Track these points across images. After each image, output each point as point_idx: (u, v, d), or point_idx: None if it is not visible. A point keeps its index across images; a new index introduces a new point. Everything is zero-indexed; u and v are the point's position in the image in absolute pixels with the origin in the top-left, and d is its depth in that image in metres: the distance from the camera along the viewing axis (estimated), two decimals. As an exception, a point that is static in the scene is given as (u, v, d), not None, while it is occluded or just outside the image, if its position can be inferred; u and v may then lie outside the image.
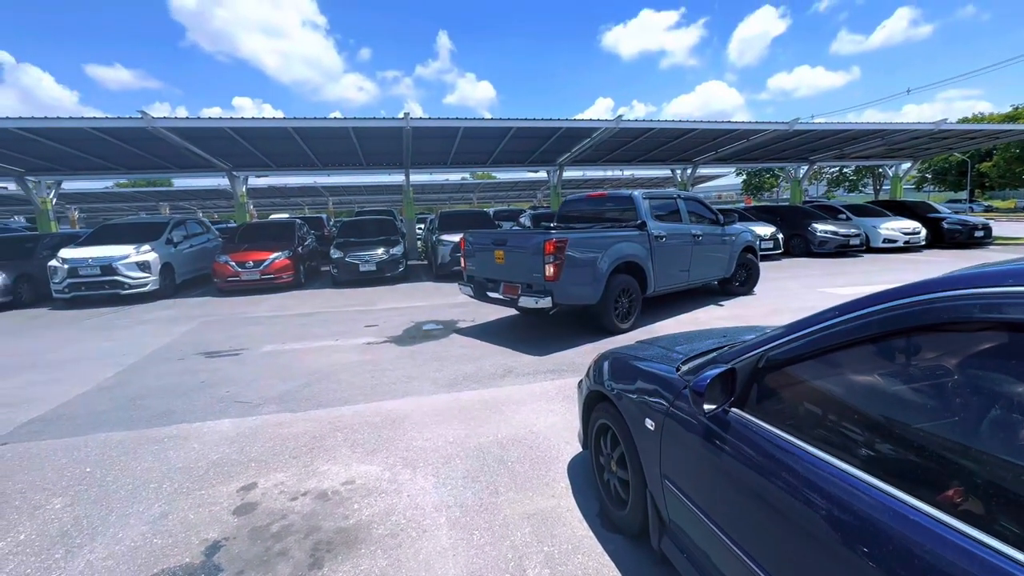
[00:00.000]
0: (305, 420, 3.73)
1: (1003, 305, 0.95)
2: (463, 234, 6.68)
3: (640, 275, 6.07)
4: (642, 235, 6.12)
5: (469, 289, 6.39)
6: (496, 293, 5.89)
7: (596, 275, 5.52)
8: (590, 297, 5.54)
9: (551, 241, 5.21)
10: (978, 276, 1.07)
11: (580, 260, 5.39)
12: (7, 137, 10.35)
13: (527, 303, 5.35)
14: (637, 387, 2.09)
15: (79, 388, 4.64)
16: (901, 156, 19.03)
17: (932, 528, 0.91)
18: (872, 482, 1.07)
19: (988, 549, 0.82)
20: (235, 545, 2.30)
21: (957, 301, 1.05)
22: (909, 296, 1.15)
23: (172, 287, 10.26)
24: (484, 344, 5.69)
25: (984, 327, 1.03)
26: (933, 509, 0.93)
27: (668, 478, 1.82)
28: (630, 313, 5.95)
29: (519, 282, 5.57)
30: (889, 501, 1.01)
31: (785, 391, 1.47)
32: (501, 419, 3.63)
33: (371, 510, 2.55)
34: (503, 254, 5.81)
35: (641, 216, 6.29)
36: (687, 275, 6.84)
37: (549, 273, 5.21)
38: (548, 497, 2.61)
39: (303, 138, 12.09)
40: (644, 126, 12.94)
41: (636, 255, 5.93)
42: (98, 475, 3.01)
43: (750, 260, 8.00)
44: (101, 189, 29.42)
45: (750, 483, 1.39)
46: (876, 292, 1.25)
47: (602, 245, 5.66)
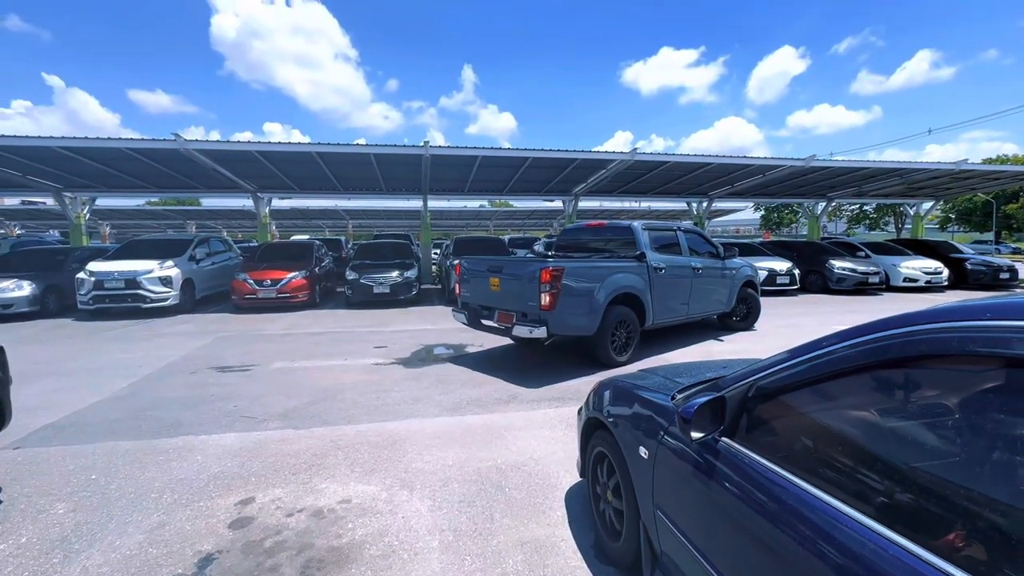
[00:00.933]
0: (307, 437, 3.76)
1: (993, 339, 0.95)
2: (458, 259, 6.63)
3: (638, 307, 5.94)
4: (641, 266, 6.02)
5: (463, 316, 6.25)
6: (490, 321, 5.75)
7: (593, 306, 5.40)
8: (587, 328, 5.41)
9: (547, 269, 5.11)
10: (961, 310, 1.07)
11: (577, 290, 5.29)
12: (49, 155, 10.93)
13: (521, 332, 5.22)
14: (633, 414, 2.09)
15: (94, 397, 4.75)
16: (922, 195, 18.83)
17: (915, 566, 0.89)
18: (858, 518, 1.05)
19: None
20: (228, 559, 2.31)
21: (942, 334, 1.05)
22: (895, 328, 1.16)
23: (192, 302, 10.52)
24: (490, 369, 5.69)
25: (967, 361, 1.03)
26: (921, 549, 0.92)
27: (660, 508, 1.80)
28: (627, 346, 5.80)
29: (514, 310, 5.45)
30: (874, 538, 0.99)
31: (775, 421, 1.47)
32: (502, 445, 3.60)
33: (365, 530, 2.54)
34: (498, 281, 5.69)
35: (640, 247, 6.20)
36: (686, 308, 6.71)
37: (544, 302, 5.09)
38: (543, 526, 2.57)
39: (326, 162, 12.50)
40: (659, 159, 13.09)
41: (634, 286, 5.82)
42: (102, 482, 3.06)
43: (750, 295, 7.86)
44: (132, 207, 30.54)
45: (739, 515, 1.37)
46: (865, 323, 1.26)
47: (600, 275, 5.56)
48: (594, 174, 14.44)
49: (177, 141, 10.17)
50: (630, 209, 32.66)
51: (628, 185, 16.67)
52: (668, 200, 20.45)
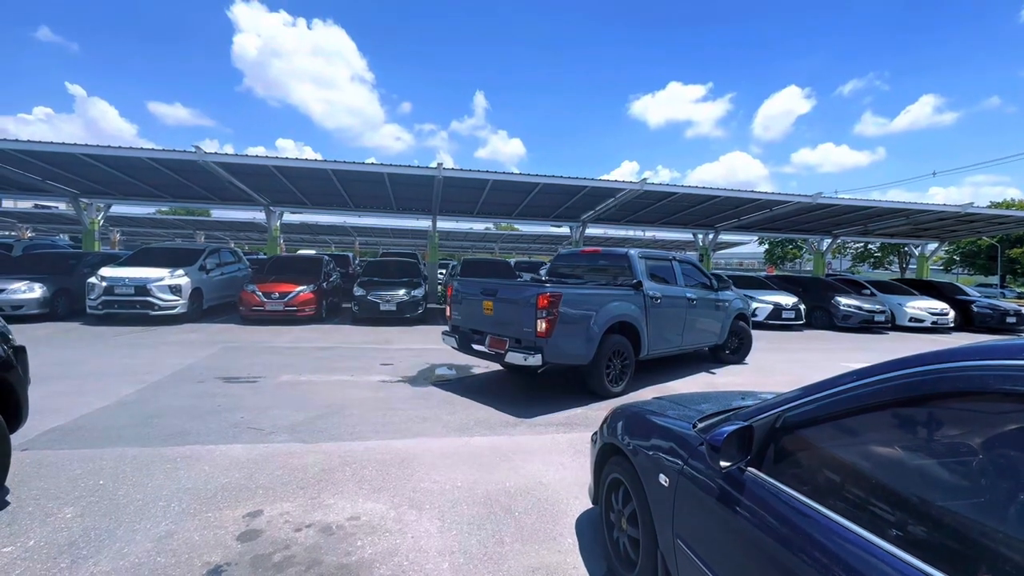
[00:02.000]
0: (315, 452, 3.74)
1: (1017, 377, 0.98)
2: (451, 281, 6.38)
3: (634, 337, 5.81)
4: (638, 295, 5.91)
5: (453, 340, 6.04)
6: (481, 346, 5.53)
7: (590, 333, 5.25)
8: (582, 357, 5.25)
9: (545, 295, 4.96)
10: (997, 348, 1.10)
11: (574, 317, 5.14)
12: (70, 161, 11.16)
13: (515, 360, 5.02)
14: (652, 442, 2.09)
15: (101, 402, 4.75)
16: (927, 236, 18.94)
17: None
18: (887, 548, 1.06)
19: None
20: (236, 571, 2.28)
21: (974, 371, 1.08)
22: (927, 364, 1.18)
23: (199, 312, 10.56)
24: (497, 391, 5.67)
25: (1000, 399, 1.05)
26: None
27: (680, 538, 1.79)
28: (622, 376, 5.67)
29: (507, 336, 5.27)
30: (903, 567, 1.00)
31: (802, 453, 1.48)
32: (510, 468, 3.58)
33: (374, 548, 2.51)
34: (492, 305, 5.51)
35: (637, 276, 6.11)
36: (680, 339, 6.62)
37: (541, 329, 4.92)
38: (554, 552, 2.54)
39: (340, 180, 12.71)
40: (667, 190, 13.27)
41: (631, 315, 5.69)
42: (110, 488, 3.05)
43: (742, 328, 7.81)
44: (143, 214, 30.95)
45: (766, 546, 1.37)
46: (895, 359, 1.29)
47: (597, 303, 5.43)
48: (602, 202, 14.62)
49: (197, 153, 10.39)
50: (636, 238, 32.87)
51: (635, 214, 16.84)
52: (674, 231, 20.61)
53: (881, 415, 1.30)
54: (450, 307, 6.29)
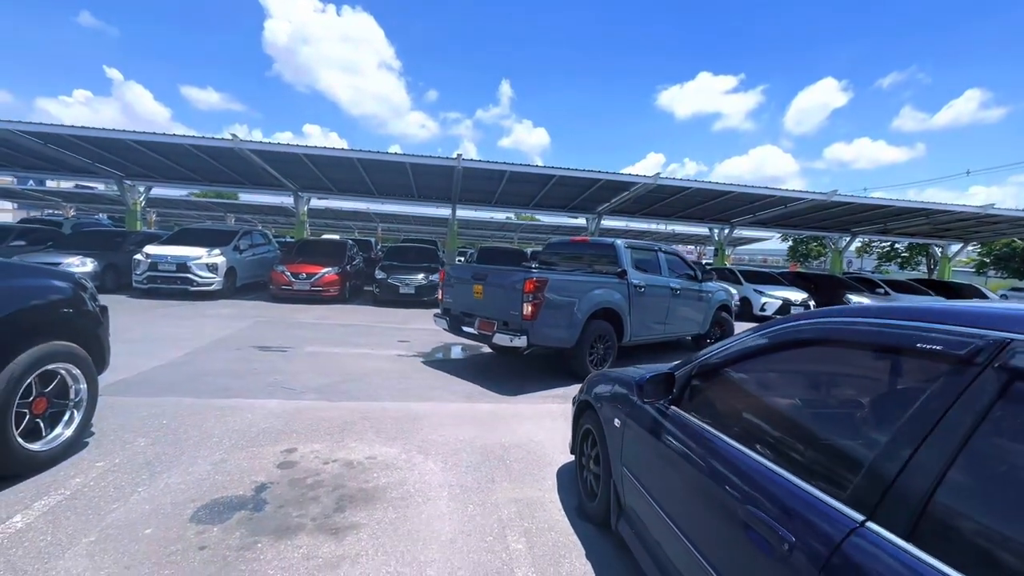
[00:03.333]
0: (338, 409, 4.31)
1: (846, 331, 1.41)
2: (445, 267, 6.58)
3: (617, 323, 6.06)
4: (622, 283, 6.15)
5: (444, 322, 6.31)
6: (471, 328, 5.79)
7: (573, 318, 5.49)
8: (566, 340, 5.50)
9: (531, 280, 5.20)
10: (843, 310, 1.54)
11: (559, 302, 5.38)
12: (118, 146, 12.00)
13: (502, 340, 5.29)
14: (612, 393, 2.57)
15: (155, 362, 5.42)
16: (950, 236, 18.68)
17: (799, 495, 1.28)
18: (765, 463, 1.41)
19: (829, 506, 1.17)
20: (278, 488, 2.86)
21: (820, 326, 1.53)
22: (789, 322, 1.64)
23: (232, 289, 11.33)
24: (504, 367, 6.19)
25: (839, 345, 1.48)
26: (803, 482, 1.38)
27: (626, 466, 2.27)
28: (605, 360, 5.92)
29: (495, 319, 5.52)
30: (774, 477, 1.33)
31: (710, 392, 1.94)
32: (507, 428, 4.10)
33: (387, 479, 3.06)
34: (482, 289, 5.77)
35: (622, 264, 6.34)
36: (663, 327, 6.90)
37: (526, 312, 5.17)
38: (535, 490, 3.05)
39: (365, 168, 13.32)
40: (681, 184, 13.50)
41: (614, 302, 5.93)
42: (172, 426, 3.67)
43: (724, 318, 8.11)
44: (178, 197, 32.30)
45: (680, 465, 1.83)
46: (781, 317, 1.74)
47: (582, 289, 5.66)
48: (617, 195, 14.92)
49: (233, 140, 11.10)
50: (654, 231, 32.88)
51: (651, 207, 17.08)
52: (691, 224, 20.74)
53: (764, 359, 1.76)
54: (442, 290, 6.58)
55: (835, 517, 1.13)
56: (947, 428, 1.01)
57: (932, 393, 1.07)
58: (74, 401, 3.13)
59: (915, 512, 0.99)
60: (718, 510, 1.52)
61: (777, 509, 1.27)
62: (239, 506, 2.64)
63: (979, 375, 1.00)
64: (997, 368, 0.98)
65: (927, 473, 1.00)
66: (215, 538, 2.34)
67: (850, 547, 1.05)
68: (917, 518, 0.98)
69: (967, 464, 0.96)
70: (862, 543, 1.04)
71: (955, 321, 1.14)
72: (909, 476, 1.03)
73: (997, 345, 1.01)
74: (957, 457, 0.97)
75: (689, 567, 1.64)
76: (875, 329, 1.32)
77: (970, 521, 0.96)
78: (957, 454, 0.97)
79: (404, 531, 2.52)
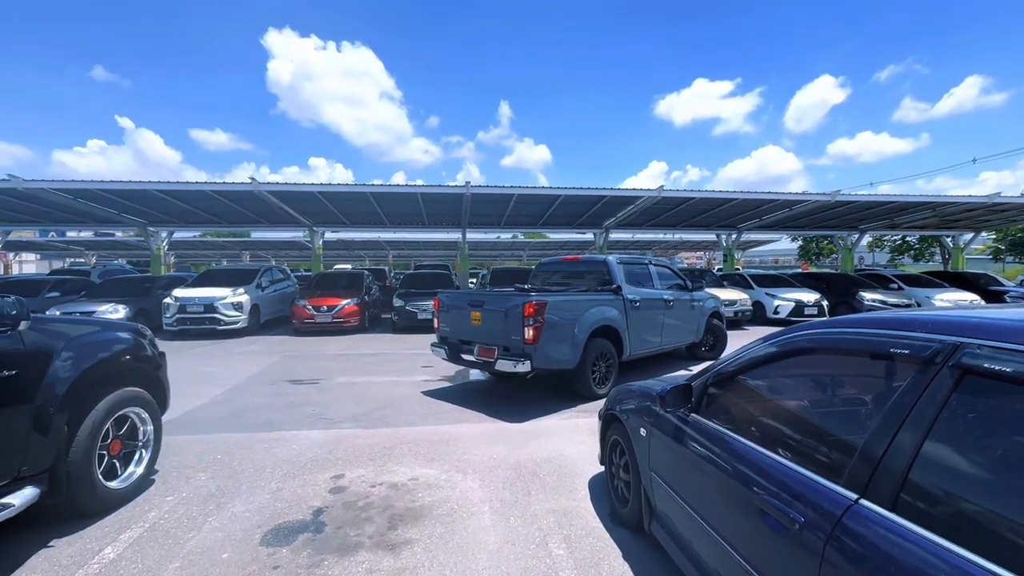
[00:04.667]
0: (376, 435, 4.57)
1: (840, 340, 1.65)
2: (438, 294, 6.56)
3: (616, 339, 6.04)
4: (618, 299, 6.17)
5: (443, 351, 6.15)
6: (470, 355, 5.70)
7: (575, 339, 5.46)
8: (569, 362, 5.46)
9: (530, 303, 5.13)
10: (839, 321, 1.77)
11: (559, 323, 5.34)
12: (142, 196, 12.60)
13: (505, 367, 5.20)
14: (636, 407, 2.80)
15: (198, 401, 5.74)
16: (959, 227, 18.65)
17: (807, 482, 1.51)
18: (777, 458, 1.64)
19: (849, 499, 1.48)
20: (333, 511, 3.11)
21: (809, 337, 1.77)
22: (795, 332, 1.88)
23: (257, 325, 11.74)
24: (527, 388, 6.41)
25: (836, 353, 1.72)
26: (809, 471, 1.60)
27: (655, 471, 2.49)
28: (607, 378, 5.89)
29: (496, 345, 5.43)
30: (783, 468, 1.56)
31: (726, 399, 2.17)
32: (537, 444, 4.31)
33: (431, 498, 3.30)
34: (480, 315, 5.68)
35: (616, 280, 6.36)
36: (660, 339, 6.91)
37: (528, 336, 5.10)
38: (570, 500, 3.27)
39: (376, 200, 13.79)
40: (685, 195, 13.77)
41: (612, 319, 5.94)
42: (226, 461, 3.95)
43: (716, 326, 8.19)
44: (194, 238, 33.27)
45: (703, 466, 2.05)
46: (781, 329, 1.98)
47: (580, 308, 5.65)
48: (623, 209, 15.21)
49: (252, 184, 11.63)
50: (662, 241, 33.06)
51: (657, 218, 17.33)
52: (698, 232, 20.93)
53: (769, 367, 1.99)
54: (437, 318, 6.40)
55: (834, 497, 1.36)
56: (917, 417, 1.24)
57: (904, 389, 1.31)
58: (142, 441, 3.43)
59: (896, 487, 1.22)
60: (737, 502, 1.74)
61: (787, 495, 1.50)
62: (301, 529, 2.89)
63: (938, 372, 1.24)
64: (951, 367, 1.22)
65: (903, 455, 1.23)
66: (285, 558, 2.59)
67: (848, 521, 1.28)
68: (898, 492, 1.21)
69: (933, 445, 1.20)
70: (857, 517, 1.27)
71: (921, 328, 1.38)
72: (890, 458, 1.26)
73: (951, 348, 1.24)
74: (925, 440, 1.20)
75: (718, 557, 1.86)
76: (859, 337, 1.56)
77: (938, 490, 1.19)
78: (925, 437, 1.21)
79: (454, 544, 2.74)
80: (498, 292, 6.52)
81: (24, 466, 2.58)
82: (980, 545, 1.02)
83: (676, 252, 43.63)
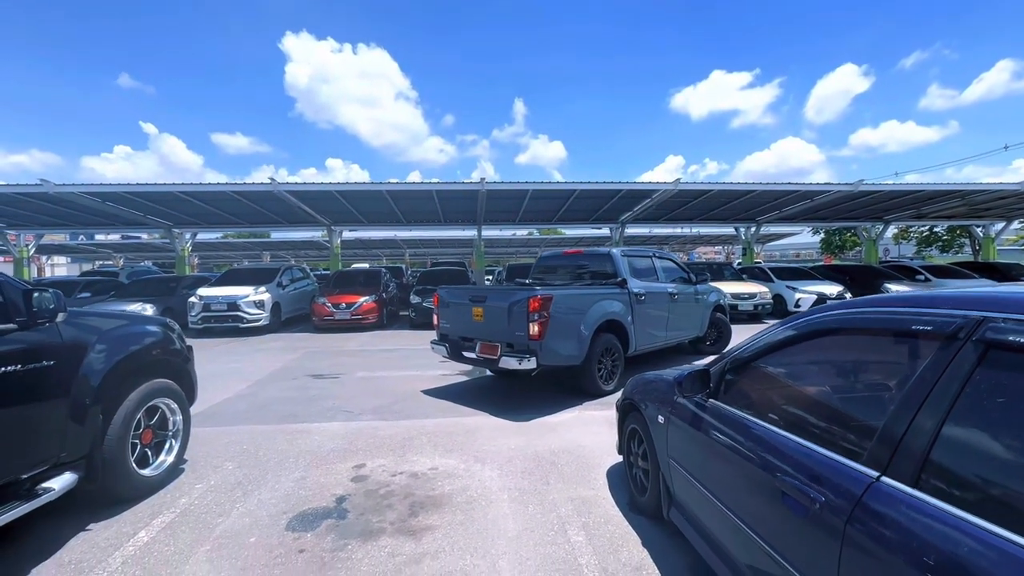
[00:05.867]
0: (396, 427, 4.64)
1: (847, 319, 1.64)
2: (437, 289, 6.36)
3: (622, 334, 5.88)
4: (623, 293, 6.01)
5: (444, 348, 5.95)
6: (471, 353, 5.53)
7: (581, 334, 5.31)
8: (575, 357, 5.30)
9: (536, 298, 4.94)
10: (856, 302, 1.75)
11: (565, 318, 5.17)
12: (168, 198, 12.95)
13: (509, 364, 5.00)
14: (653, 395, 2.80)
15: (223, 395, 5.89)
16: (990, 216, 18.04)
17: (823, 459, 1.52)
18: (794, 438, 1.64)
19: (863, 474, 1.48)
20: (356, 498, 3.17)
21: (831, 318, 1.75)
22: (812, 314, 1.86)
23: (279, 323, 11.98)
24: (544, 382, 6.42)
25: (854, 333, 1.70)
26: (825, 449, 1.61)
27: (673, 457, 2.49)
28: (613, 374, 5.74)
29: (498, 341, 5.25)
30: (798, 447, 1.58)
31: (743, 383, 2.15)
32: (554, 436, 4.33)
33: (451, 486, 3.34)
34: (482, 311, 5.49)
35: (621, 274, 6.21)
36: (665, 334, 6.75)
37: (534, 332, 4.92)
38: (588, 489, 3.28)
39: (393, 198, 13.93)
40: (703, 187, 13.60)
41: (618, 313, 5.77)
42: (251, 451, 4.05)
43: (720, 319, 8.01)
44: (216, 239, 34.05)
45: (722, 449, 2.05)
46: (794, 315, 1.96)
47: (586, 303, 5.50)
48: (639, 203, 15.09)
49: (272, 184, 11.86)
50: (679, 236, 32.70)
51: (673, 212, 17.15)
52: (716, 226, 20.64)
53: (789, 350, 1.97)
54: (437, 315, 6.20)
55: (855, 476, 1.35)
56: (940, 393, 1.23)
57: (927, 366, 1.30)
58: (172, 431, 3.54)
59: (919, 464, 1.20)
60: (757, 484, 1.74)
61: (807, 476, 1.49)
62: (325, 516, 2.96)
63: (962, 348, 1.22)
64: (975, 341, 1.20)
65: (926, 431, 1.22)
66: (310, 543, 2.66)
67: (869, 499, 1.27)
68: (920, 468, 1.20)
69: (956, 421, 1.18)
70: (879, 494, 1.26)
71: (944, 305, 1.36)
72: (912, 435, 1.24)
73: (975, 323, 1.23)
74: (948, 416, 1.19)
75: (738, 541, 1.86)
76: (880, 316, 1.54)
77: (962, 466, 1.17)
78: (948, 413, 1.19)
79: (474, 530, 2.78)
80: (501, 287, 6.33)
81: (63, 452, 2.70)
82: (1006, 519, 1.01)
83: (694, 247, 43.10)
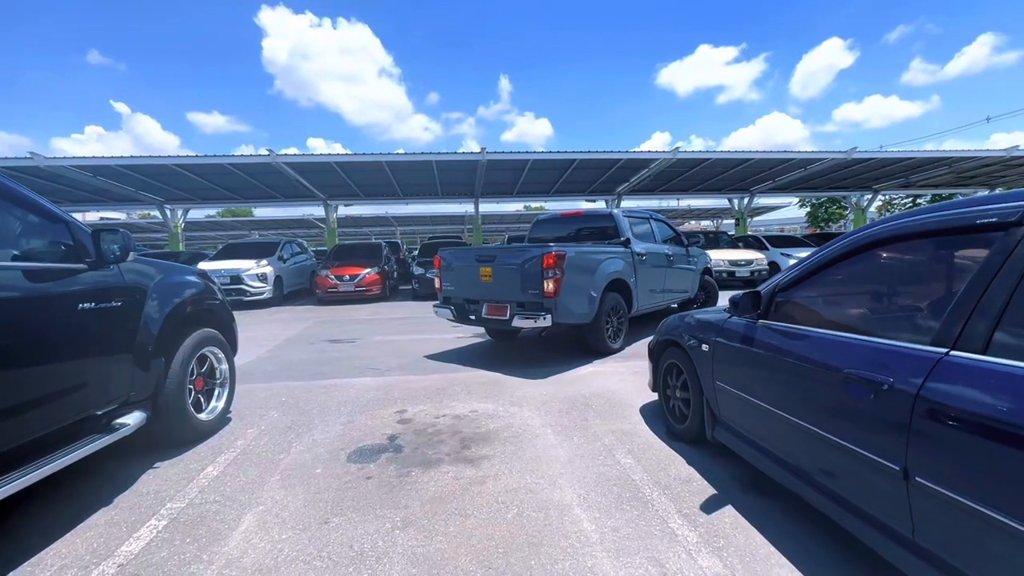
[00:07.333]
0: (427, 379, 4.79)
1: (908, 226, 1.80)
2: (439, 252, 6.25)
3: (627, 293, 5.94)
4: (627, 252, 6.05)
5: (448, 311, 5.83)
6: (478, 315, 5.48)
7: (592, 292, 5.33)
8: (587, 315, 5.30)
9: (551, 254, 4.91)
10: (906, 213, 1.90)
11: (578, 276, 5.18)
12: (160, 171, 12.70)
13: (523, 323, 5.00)
14: (696, 327, 2.97)
15: (246, 358, 5.96)
16: (975, 184, 18.49)
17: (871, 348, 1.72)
18: (866, 338, 1.83)
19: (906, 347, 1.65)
20: (407, 436, 3.33)
21: (889, 228, 1.90)
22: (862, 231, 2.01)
23: (281, 296, 11.97)
24: (562, 339, 6.61)
25: (908, 240, 1.86)
26: (864, 337, 1.78)
27: (721, 381, 2.66)
28: (619, 333, 5.80)
29: (508, 301, 5.23)
30: (847, 340, 1.82)
31: (795, 301, 2.32)
32: (583, 383, 4.52)
33: (495, 424, 3.51)
34: (491, 271, 5.38)
35: (624, 233, 6.25)
36: (662, 295, 6.88)
37: (549, 289, 4.88)
38: (626, 423, 3.48)
39: (391, 170, 13.83)
40: (701, 156, 13.71)
41: (623, 272, 5.82)
42: (292, 402, 4.18)
43: (708, 282, 8.31)
44: (201, 219, 33.36)
45: (775, 363, 2.22)
46: (842, 234, 2.11)
47: (596, 261, 5.50)
48: (636, 174, 15.19)
49: (270, 156, 11.70)
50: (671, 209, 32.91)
51: (669, 183, 17.28)
52: (709, 197, 20.85)
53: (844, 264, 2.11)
54: (440, 278, 6.09)
55: (923, 355, 1.52)
56: (1007, 273, 1.38)
57: (994, 249, 1.45)
58: (219, 380, 3.65)
59: (988, 333, 1.37)
60: (818, 382, 1.91)
61: (872, 364, 1.66)
62: (382, 451, 3.11)
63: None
64: (1038, 224, 1.36)
65: (993, 308, 1.38)
66: (375, 471, 2.82)
67: (938, 372, 1.44)
68: (990, 337, 1.36)
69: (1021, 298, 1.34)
70: (948, 366, 1.43)
71: (1002, 201, 1.51)
72: (979, 314, 1.41)
73: (1036, 209, 1.38)
74: (1014, 294, 1.35)
75: (795, 440, 2.05)
76: (942, 217, 1.69)
77: None
78: (1014, 291, 1.35)
79: (527, 457, 2.96)
80: (511, 246, 6.25)
81: (132, 392, 2.79)
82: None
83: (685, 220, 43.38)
